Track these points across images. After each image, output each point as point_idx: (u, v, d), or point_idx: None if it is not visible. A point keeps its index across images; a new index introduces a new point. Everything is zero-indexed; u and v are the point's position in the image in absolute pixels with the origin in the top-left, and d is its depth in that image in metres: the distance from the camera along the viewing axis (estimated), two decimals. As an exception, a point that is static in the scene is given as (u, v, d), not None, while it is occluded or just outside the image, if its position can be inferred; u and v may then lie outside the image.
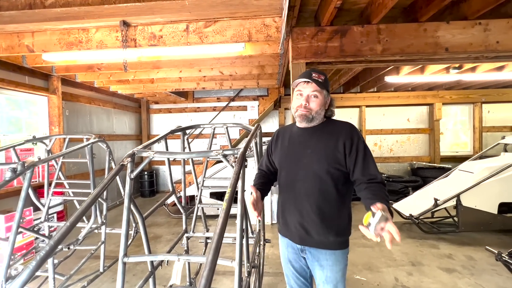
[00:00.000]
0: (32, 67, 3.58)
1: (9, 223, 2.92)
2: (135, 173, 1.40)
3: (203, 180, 2.32)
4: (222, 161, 1.47)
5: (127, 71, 3.09)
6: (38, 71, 3.86)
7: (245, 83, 5.16)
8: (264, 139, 5.20)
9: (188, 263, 2.28)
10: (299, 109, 1.35)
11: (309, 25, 2.90)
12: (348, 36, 2.50)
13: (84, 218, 2.57)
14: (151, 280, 1.45)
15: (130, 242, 2.93)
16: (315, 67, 2.91)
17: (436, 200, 3.67)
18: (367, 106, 6.85)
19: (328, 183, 1.29)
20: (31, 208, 3.14)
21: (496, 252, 2.43)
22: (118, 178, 2.68)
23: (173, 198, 2.16)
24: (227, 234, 3.26)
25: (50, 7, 2.30)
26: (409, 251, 3.30)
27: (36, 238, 3.11)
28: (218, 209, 4.26)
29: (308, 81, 1.33)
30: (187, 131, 2.29)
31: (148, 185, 6.69)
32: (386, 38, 2.48)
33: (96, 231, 2.51)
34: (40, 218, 2.51)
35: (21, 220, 1.74)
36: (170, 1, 2.22)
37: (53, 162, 2.65)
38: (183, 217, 2.27)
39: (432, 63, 3.05)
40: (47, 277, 2.09)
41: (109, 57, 3.26)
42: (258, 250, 2.30)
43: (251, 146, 2.10)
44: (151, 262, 1.55)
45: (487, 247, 2.64)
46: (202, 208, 2.54)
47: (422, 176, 6.16)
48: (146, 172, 6.67)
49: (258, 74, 4.70)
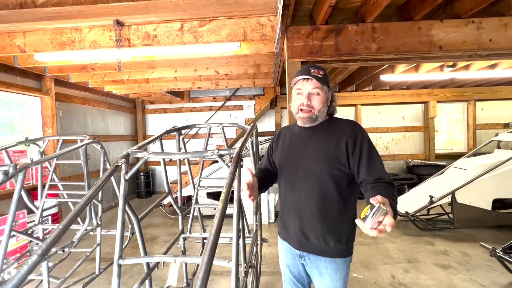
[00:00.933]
0: (24, 68, 3.52)
1: (1, 226, 2.88)
2: (129, 174, 1.38)
3: (199, 181, 2.30)
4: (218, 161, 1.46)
5: (121, 71, 3.05)
6: (30, 72, 3.80)
7: (241, 82, 5.14)
8: (260, 138, 5.20)
9: (185, 263, 2.26)
10: (301, 109, 1.26)
11: (304, 24, 2.89)
12: (343, 34, 2.50)
13: (79, 220, 2.54)
14: (147, 281, 1.44)
15: (126, 244, 2.90)
16: (311, 66, 2.92)
17: (431, 197, 3.71)
18: (362, 105, 6.89)
19: (329, 185, 1.21)
20: (25, 210, 3.10)
21: (491, 248, 2.47)
22: (113, 179, 2.66)
23: (170, 199, 2.15)
24: (224, 234, 3.26)
25: (42, 7, 2.26)
26: (405, 248, 3.33)
27: (30, 241, 3.07)
28: (215, 209, 4.23)
29: (307, 77, 1.25)
30: (183, 131, 2.28)
31: (144, 186, 6.64)
32: (381, 36, 2.49)
33: (91, 233, 2.48)
34: (34, 221, 2.47)
35: (13, 223, 1.71)
36: (164, 0, 2.20)
37: (46, 164, 2.61)
38: (180, 217, 2.26)
39: (426, 61, 3.08)
40: (42, 280, 2.06)
41: (102, 57, 3.22)
42: (255, 250, 2.30)
43: (247, 145, 2.09)
44: (147, 264, 1.53)
45: (481, 243, 2.68)
46: (199, 208, 2.53)
47: (417, 173, 6.22)
48: (142, 173, 6.63)
49: (254, 74, 4.69)
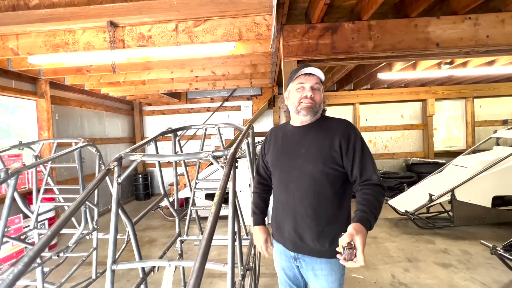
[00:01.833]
0: (18, 71, 3.49)
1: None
2: (122, 177, 1.35)
3: (196, 183, 2.28)
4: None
5: (115, 72, 3.02)
6: (25, 75, 3.77)
7: (238, 82, 5.12)
8: (258, 139, 5.17)
9: (182, 267, 2.24)
10: (303, 101, 1.26)
11: (300, 22, 2.87)
12: (339, 33, 2.48)
13: (76, 224, 2.51)
14: (142, 286, 1.41)
15: (124, 247, 2.87)
16: (307, 65, 2.89)
17: (430, 195, 3.69)
18: (361, 104, 6.87)
19: (324, 185, 1.21)
20: (21, 215, 3.06)
21: (491, 246, 2.45)
22: (109, 182, 2.62)
23: (166, 202, 2.12)
24: (222, 236, 3.24)
25: (35, 9, 2.23)
26: (405, 247, 3.30)
27: (26, 247, 3.03)
28: (214, 210, 4.20)
29: (310, 73, 1.27)
30: (179, 133, 2.25)
31: (142, 188, 6.61)
32: (377, 34, 2.47)
33: (87, 237, 2.45)
34: (30, 226, 2.44)
35: (6, 229, 1.68)
36: (158, 0, 2.17)
37: (41, 168, 2.58)
38: (176, 220, 2.23)
39: (423, 58, 3.05)
40: (36, 286, 2.03)
41: (97, 59, 3.19)
42: (253, 252, 2.27)
43: (242, 146, 2.06)
44: (143, 268, 1.50)
45: (482, 241, 2.66)
46: (196, 210, 2.50)
47: (416, 171, 6.20)
48: (140, 175, 6.59)
49: (251, 74, 4.66)
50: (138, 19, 2.53)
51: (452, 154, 6.19)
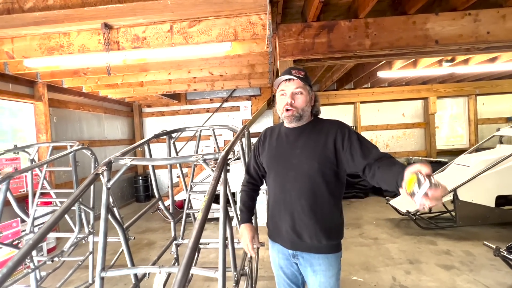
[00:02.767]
0: (15, 74, 3.48)
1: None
2: (111, 182, 1.32)
3: (191, 186, 2.25)
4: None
5: (110, 75, 3.00)
6: (22, 78, 3.76)
7: (236, 83, 5.09)
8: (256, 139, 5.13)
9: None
10: (286, 109, 1.28)
11: (296, 21, 2.83)
12: (335, 31, 2.43)
13: (73, 228, 2.48)
14: (134, 293, 1.38)
15: (121, 252, 2.85)
16: (303, 64, 2.84)
17: (432, 195, 3.62)
18: (361, 102, 6.79)
19: (319, 183, 1.25)
20: (18, 219, 3.05)
21: (494, 247, 2.39)
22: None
23: (162, 205, 2.09)
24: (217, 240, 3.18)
25: (29, 11, 2.22)
26: (406, 249, 3.25)
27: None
28: (213, 212, 4.18)
29: (290, 78, 1.28)
30: (173, 135, 2.22)
31: (143, 189, 6.60)
32: (375, 32, 2.42)
33: (83, 241, 2.43)
34: (26, 230, 2.42)
35: (-2, 235, 1.66)
36: (152, 1, 2.14)
37: (37, 171, 2.56)
38: (172, 223, 2.21)
39: (422, 56, 3.00)
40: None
41: (93, 61, 3.17)
42: (249, 255, 2.23)
43: (235, 149, 2.02)
44: (135, 274, 1.48)
45: (485, 242, 2.60)
46: (193, 213, 2.47)
47: (419, 170, 6.12)
48: (140, 177, 6.59)
49: (249, 74, 4.63)
50: (132, 20, 2.51)
51: (454, 153, 6.09)
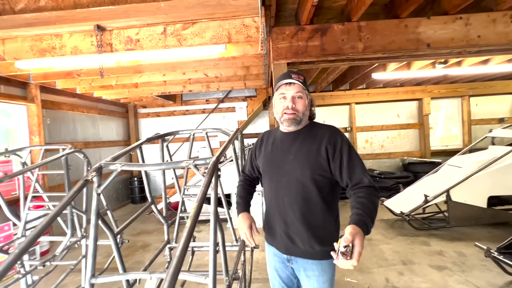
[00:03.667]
0: (6, 76, 3.44)
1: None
2: (102, 187, 1.31)
3: (184, 189, 2.24)
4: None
5: (103, 77, 2.99)
6: (14, 79, 3.72)
7: (232, 84, 5.08)
8: (252, 140, 5.13)
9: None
10: (286, 112, 1.27)
11: (290, 24, 2.84)
12: (328, 34, 2.44)
13: (67, 231, 2.46)
14: (126, 298, 1.37)
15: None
16: (297, 67, 2.85)
17: (426, 196, 3.66)
18: (356, 103, 6.83)
19: (312, 191, 1.24)
20: (10, 223, 3.01)
21: (485, 248, 2.42)
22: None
23: (155, 209, 2.08)
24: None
25: (20, 13, 2.20)
26: (400, 250, 3.27)
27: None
28: (209, 214, 4.17)
29: (291, 82, 1.26)
30: (167, 138, 2.22)
31: (138, 191, 6.57)
32: (367, 35, 2.43)
33: (76, 245, 2.41)
34: (17, 234, 2.40)
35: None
36: (145, 3, 2.13)
37: (29, 175, 2.54)
38: (165, 227, 2.20)
39: (415, 59, 3.03)
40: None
41: (86, 62, 3.15)
42: (243, 258, 2.23)
43: (227, 153, 2.02)
44: (127, 280, 1.47)
45: (476, 243, 2.64)
46: (187, 216, 2.46)
47: (413, 171, 6.18)
48: (136, 178, 6.56)
49: (244, 75, 4.63)
50: (125, 22, 2.49)
51: (449, 153, 6.16)
